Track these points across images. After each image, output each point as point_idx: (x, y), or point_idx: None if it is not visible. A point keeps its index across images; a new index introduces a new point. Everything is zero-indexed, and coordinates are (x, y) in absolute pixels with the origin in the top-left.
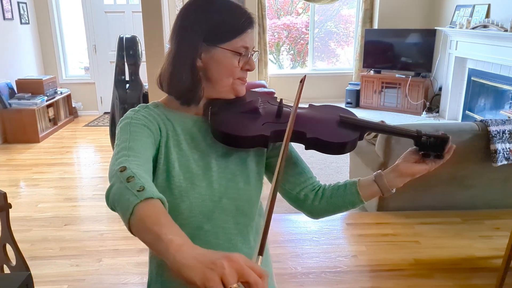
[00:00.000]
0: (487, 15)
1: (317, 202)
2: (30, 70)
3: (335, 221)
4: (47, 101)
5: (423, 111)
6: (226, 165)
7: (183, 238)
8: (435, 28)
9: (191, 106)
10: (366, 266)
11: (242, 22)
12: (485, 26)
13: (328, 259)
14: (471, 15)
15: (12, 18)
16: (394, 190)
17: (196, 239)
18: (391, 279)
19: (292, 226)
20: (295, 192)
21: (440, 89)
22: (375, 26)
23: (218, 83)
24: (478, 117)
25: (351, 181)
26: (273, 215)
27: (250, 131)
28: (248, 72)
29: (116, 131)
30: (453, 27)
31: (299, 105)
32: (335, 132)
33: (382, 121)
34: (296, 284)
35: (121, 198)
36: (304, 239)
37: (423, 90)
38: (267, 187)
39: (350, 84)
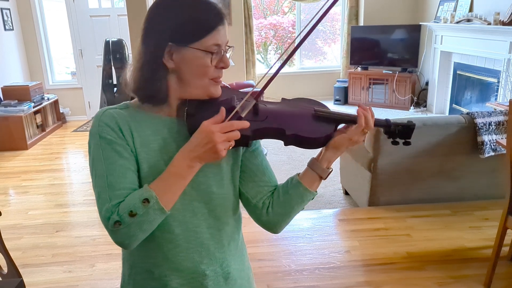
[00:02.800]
0: (471, 9)
1: (270, 209)
2: (16, 77)
3: (328, 218)
4: (34, 107)
5: (410, 106)
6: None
7: (178, 161)
8: (420, 23)
9: (162, 107)
10: (360, 261)
11: (212, 19)
12: (468, 20)
13: (321, 255)
14: (454, 10)
15: None
16: (331, 169)
17: (167, 242)
18: (384, 272)
19: None
20: (255, 200)
21: (427, 83)
22: (361, 23)
23: (191, 84)
24: (464, 110)
25: (293, 176)
26: None
27: None
28: (223, 69)
29: (88, 147)
30: (437, 22)
31: (272, 100)
32: (313, 127)
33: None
34: (290, 281)
35: (145, 224)
36: (297, 237)
37: (410, 85)
38: None
39: (338, 81)
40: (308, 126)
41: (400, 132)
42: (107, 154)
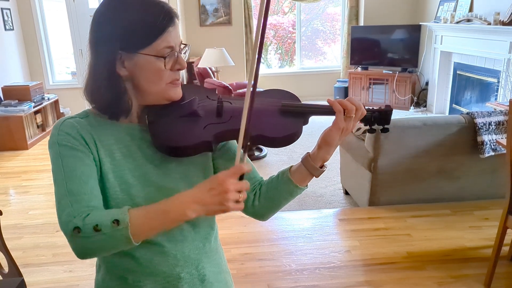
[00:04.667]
0: (471, 9)
1: (257, 202)
2: (16, 77)
3: (328, 218)
4: (34, 107)
5: (410, 106)
6: (167, 173)
7: (177, 200)
8: (420, 23)
9: (127, 116)
10: (360, 261)
11: (160, 21)
12: (468, 20)
13: (321, 255)
14: (454, 10)
15: None
16: (325, 168)
17: (140, 248)
18: (385, 272)
19: (285, 223)
20: None
21: (427, 83)
22: (361, 23)
23: (147, 90)
24: (464, 110)
25: (284, 170)
26: None
27: (191, 138)
28: (179, 71)
29: (49, 153)
30: (437, 22)
31: (239, 98)
32: (279, 124)
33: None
34: (291, 281)
35: (111, 244)
36: (297, 236)
37: (410, 85)
38: None
39: (338, 81)
40: (275, 123)
41: (377, 118)
42: (66, 161)
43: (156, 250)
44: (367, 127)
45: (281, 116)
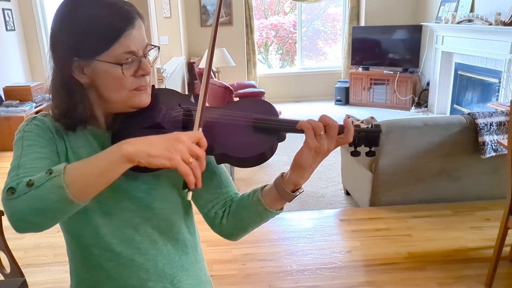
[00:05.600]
0: (472, 9)
1: (225, 220)
2: (18, 77)
3: (329, 218)
4: (35, 107)
5: (412, 106)
6: (136, 184)
7: (121, 144)
8: (421, 24)
9: (86, 127)
10: (361, 261)
11: (116, 24)
12: (470, 21)
13: (323, 255)
14: (456, 10)
15: None
16: (298, 193)
17: (108, 261)
18: (386, 273)
19: (286, 224)
20: (207, 209)
21: (428, 84)
22: (362, 24)
23: (109, 99)
24: (466, 110)
25: (256, 189)
26: None
27: None
28: (144, 76)
29: (14, 140)
30: (438, 22)
31: (211, 108)
32: (248, 143)
33: (372, 117)
34: (292, 281)
35: (43, 198)
36: (299, 237)
37: (411, 85)
38: None
39: (339, 81)
40: (243, 141)
41: (362, 139)
42: (27, 142)
43: (127, 263)
44: (352, 148)
45: (252, 132)
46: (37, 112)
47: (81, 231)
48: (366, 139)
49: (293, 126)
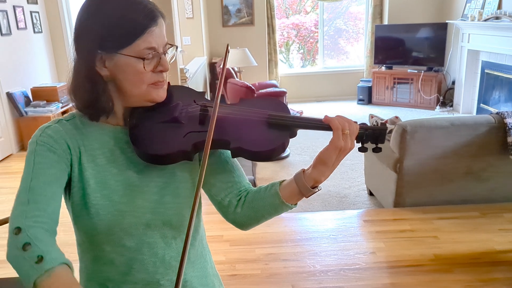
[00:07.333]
0: (499, 6)
1: (240, 209)
2: (45, 78)
3: (352, 218)
4: (62, 107)
5: (436, 105)
6: (150, 178)
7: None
8: (447, 21)
9: (108, 117)
10: (385, 263)
11: (140, 21)
12: (497, 18)
13: (346, 256)
14: (482, 7)
15: (26, 28)
16: (317, 189)
17: (119, 256)
18: (411, 275)
19: (309, 224)
20: (220, 198)
21: (453, 83)
22: (385, 22)
23: (128, 92)
24: (493, 109)
25: (274, 182)
26: (290, 214)
27: (170, 147)
28: (162, 72)
29: (27, 151)
30: (464, 20)
31: (226, 105)
32: (262, 138)
33: (396, 117)
34: (315, 282)
35: (20, 269)
36: (322, 237)
37: (436, 84)
38: None
39: (361, 81)
40: (258, 136)
41: (370, 136)
42: (39, 159)
43: (136, 257)
44: (359, 144)
45: (266, 128)
46: (63, 113)
47: (95, 230)
48: (373, 136)
49: (314, 123)
